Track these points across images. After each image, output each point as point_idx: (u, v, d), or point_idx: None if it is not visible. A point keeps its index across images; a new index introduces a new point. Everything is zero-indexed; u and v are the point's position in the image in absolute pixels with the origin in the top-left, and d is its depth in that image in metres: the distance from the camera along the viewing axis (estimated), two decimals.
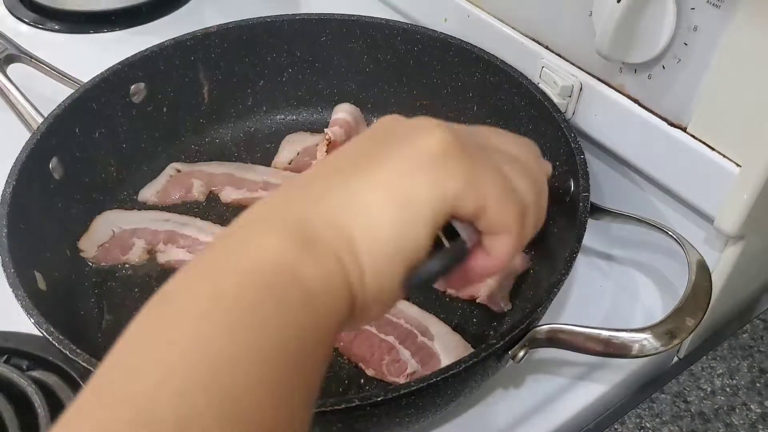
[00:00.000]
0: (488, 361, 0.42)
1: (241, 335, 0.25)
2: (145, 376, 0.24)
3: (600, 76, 0.54)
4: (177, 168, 0.65)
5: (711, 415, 0.49)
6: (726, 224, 0.47)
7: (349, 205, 0.30)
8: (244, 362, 0.25)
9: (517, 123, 0.61)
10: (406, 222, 0.30)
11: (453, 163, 0.31)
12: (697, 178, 0.49)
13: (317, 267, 0.28)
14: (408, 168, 0.30)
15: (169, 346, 0.25)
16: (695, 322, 0.43)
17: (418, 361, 0.50)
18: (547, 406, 0.51)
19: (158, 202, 0.63)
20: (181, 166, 0.66)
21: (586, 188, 0.51)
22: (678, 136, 0.49)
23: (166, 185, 0.64)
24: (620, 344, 0.43)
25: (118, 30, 0.84)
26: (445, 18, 0.66)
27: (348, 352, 0.52)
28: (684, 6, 0.46)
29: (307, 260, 0.28)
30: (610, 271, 0.60)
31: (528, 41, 0.59)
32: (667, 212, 0.54)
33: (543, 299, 0.44)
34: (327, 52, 0.68)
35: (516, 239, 0.33)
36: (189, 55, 0.65)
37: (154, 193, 0.63)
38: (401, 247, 0.30)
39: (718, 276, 0.51)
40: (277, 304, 0.26)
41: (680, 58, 0.48)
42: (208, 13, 0.88)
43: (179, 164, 0.66)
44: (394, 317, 0.53)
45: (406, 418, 0.44)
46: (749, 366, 0.51)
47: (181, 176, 0.65)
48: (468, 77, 0.64)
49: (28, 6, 0.87)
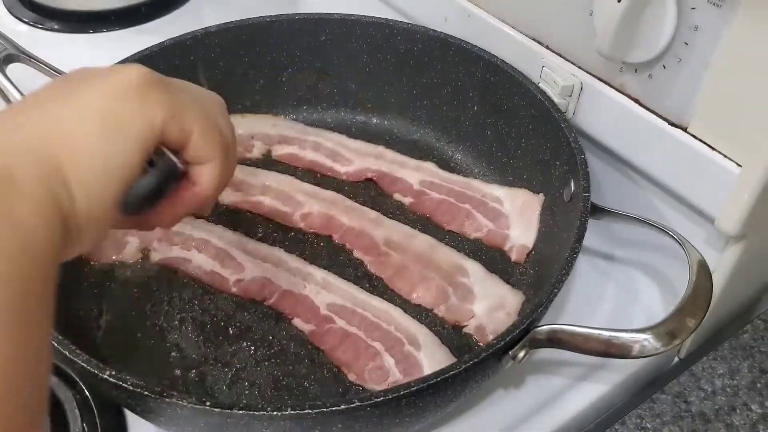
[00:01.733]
0: (488, 361, 0.42)
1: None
2: None
3: (601, 76, 0.54)
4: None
5: (712, 415, 0.48)
6: (727, 224, 0.47)
7: (57, 136, 0.31)
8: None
9: (517, 123, 0.61)
10: (114, 143, 0.31)
11: (156, 93, 0.33)
12: (698, 178, 0.49)
13: (25, 198, 0.28)
14: (112, 94, 0.32)
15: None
16: (696, 323, 0.43)
17: (401, 371, 0.50)
18: (548, 407, 0.50)
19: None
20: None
21: (586, 188, 0.51)
22: (679, 136, 0.49)
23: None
24: (621, 345, 0.43)
25: (117, 30, 0.84)
26: (445, 17, 0.66)
27: (332, 356, 0.51)
28: (684, 5, 0.46)
29: (13, 193, 0.28)
30: (611, 271, 0.59)
31: (528, 41, 0.59)
32: (668, 212, 0.54)
33: (543, 299, 0.44)
34: (327, 51, 0.68)
35: (220, 167, 0.36)
36: (189, 54, 0.65)
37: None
38: (111, 167, 0.31)
39: (718, 276, 0.50)
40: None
41: (681, 57, 0.48)
42: (208, 12, 0.88)
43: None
44: (384, 323, 0.53)
45: (406, 418, 0.44)
46: (750, 366, 0.51)
47: None
48: (468, 77, 0.64)
49: (27, 6, 0.87)
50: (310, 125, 0.70)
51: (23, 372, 0.26)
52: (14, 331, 0.26)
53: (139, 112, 0.33)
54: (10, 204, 0.28)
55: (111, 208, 0.32)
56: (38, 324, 0.28)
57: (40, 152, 0.30)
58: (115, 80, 0.33)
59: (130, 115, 0.32)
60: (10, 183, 0.28)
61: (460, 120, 0.66)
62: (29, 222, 0.28)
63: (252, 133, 0.68)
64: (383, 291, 0.56)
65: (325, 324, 0.53)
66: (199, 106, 0.36)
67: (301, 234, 0.61)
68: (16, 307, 0.27)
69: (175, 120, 0.34)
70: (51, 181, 0.29)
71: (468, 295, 0.55)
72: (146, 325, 0.54)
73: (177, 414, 0.40)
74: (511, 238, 0.59)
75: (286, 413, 0.38)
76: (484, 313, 0.53)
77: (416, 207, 0.62)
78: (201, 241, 0.59)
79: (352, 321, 0.53)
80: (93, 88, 0.33)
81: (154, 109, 0.33)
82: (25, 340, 0.27)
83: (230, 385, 0.50)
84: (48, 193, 0.29)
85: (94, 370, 0.40)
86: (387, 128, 0.70)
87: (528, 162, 0.61)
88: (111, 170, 0.31)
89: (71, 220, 0.30)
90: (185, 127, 0.34)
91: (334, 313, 0.53)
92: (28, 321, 0.27)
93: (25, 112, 0.32)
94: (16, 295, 0.27)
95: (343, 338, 0.52)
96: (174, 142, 0.35)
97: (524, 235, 0.58)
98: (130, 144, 0.32)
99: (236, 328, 0.54)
